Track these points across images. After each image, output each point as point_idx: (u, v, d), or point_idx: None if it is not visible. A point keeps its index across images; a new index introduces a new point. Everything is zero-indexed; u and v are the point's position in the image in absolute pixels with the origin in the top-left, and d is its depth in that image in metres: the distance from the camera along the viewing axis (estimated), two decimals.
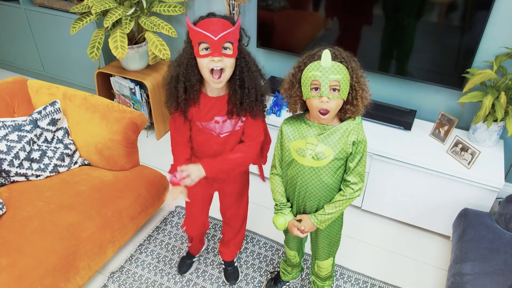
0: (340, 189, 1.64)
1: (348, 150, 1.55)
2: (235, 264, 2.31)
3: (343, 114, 1.55)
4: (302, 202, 1.69)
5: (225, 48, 1.49)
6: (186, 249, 2.43)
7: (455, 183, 2.31)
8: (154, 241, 2.49)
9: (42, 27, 3.72)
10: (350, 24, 2.59)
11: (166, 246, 2.47)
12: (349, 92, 1.48)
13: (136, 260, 2.37)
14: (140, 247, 2.45)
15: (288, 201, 1.75)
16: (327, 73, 1.42)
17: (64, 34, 3.62)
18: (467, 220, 2.14)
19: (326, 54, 1.41)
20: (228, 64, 1.51)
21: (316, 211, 1.69)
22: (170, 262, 2.37)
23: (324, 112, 1.48)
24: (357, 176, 1.59)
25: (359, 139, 1.54)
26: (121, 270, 2.31)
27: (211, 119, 1.67)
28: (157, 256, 2.41)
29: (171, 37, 3.32)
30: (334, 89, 1.44)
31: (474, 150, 2.25)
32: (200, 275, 2.30)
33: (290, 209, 1.74)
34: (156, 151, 3.25)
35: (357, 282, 2.26)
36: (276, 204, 1.75)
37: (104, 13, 2.85)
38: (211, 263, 2.37)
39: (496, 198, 2.55)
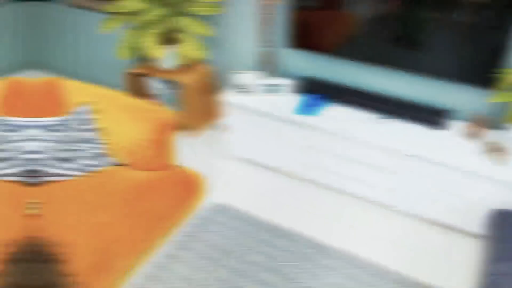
0: None
1: None
2: None
3: None
4: None
5: None
6: None
7: (490, 183, 2.29)
8: (195, 239, 2.49)
9: (75, 27, 3.78)
10: (382, 24, 2.58)
11: (211, 243, 2.45)
12: None
13: (176, 258, 2.38)
14: (179, 245, 2.45)
15: None
16: None
17: (96, 34, 3.66)
18: (503, 219, 2.11)
19: None
20: None
21: None
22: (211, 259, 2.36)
23: None
24: None
25: None
26: (158, 268, 2.32)
27: None
28: (199, 253, 2.40)
29: (205, 37, 3.31)
30: None
31: (508, 150, 2.26)
32: None
33: None
34: (190, 151, 3.25)
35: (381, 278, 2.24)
36: None
37: (138, 13, 2.86)
38: None
39: None
